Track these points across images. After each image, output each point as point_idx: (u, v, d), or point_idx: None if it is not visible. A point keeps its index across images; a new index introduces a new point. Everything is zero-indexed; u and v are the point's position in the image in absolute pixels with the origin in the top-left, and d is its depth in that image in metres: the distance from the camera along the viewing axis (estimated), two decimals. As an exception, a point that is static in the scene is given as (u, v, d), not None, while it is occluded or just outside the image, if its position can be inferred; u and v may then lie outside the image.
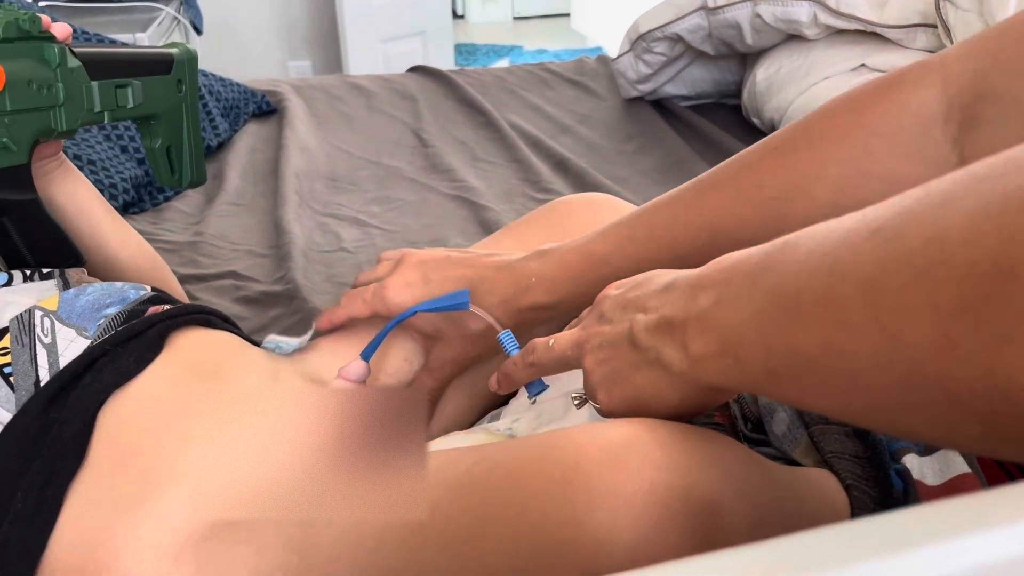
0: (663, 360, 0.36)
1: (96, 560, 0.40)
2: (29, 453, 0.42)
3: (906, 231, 0.24)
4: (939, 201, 0.23)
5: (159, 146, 0.64)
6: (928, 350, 0.22)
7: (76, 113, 0.54)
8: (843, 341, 0.25)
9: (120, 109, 0.58)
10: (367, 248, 1.00)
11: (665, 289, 0.37)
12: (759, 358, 0.29)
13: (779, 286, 0.28)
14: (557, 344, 0.43)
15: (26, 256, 0.54)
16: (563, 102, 1.51)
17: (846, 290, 0.25)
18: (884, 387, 0.24)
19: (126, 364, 0.46)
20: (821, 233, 0.28)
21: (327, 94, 1.53)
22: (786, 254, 0.29)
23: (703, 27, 1.29)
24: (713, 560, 0.16)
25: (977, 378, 0.21)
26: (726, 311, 0.31)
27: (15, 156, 0.51)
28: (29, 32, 0.51)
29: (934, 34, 1.13)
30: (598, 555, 0.32)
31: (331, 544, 0.39)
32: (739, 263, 0.32)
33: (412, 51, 2.68)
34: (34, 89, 0.51)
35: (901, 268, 0.23)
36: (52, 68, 0.52)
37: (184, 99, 0.64)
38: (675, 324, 0.35)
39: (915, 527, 0.16)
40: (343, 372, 0.50)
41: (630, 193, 1.12)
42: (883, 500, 0.51)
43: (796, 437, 0.57)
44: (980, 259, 0.21)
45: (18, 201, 0.52)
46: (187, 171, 0.65)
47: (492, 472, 0.38)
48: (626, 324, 0.38)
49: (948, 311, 0.21)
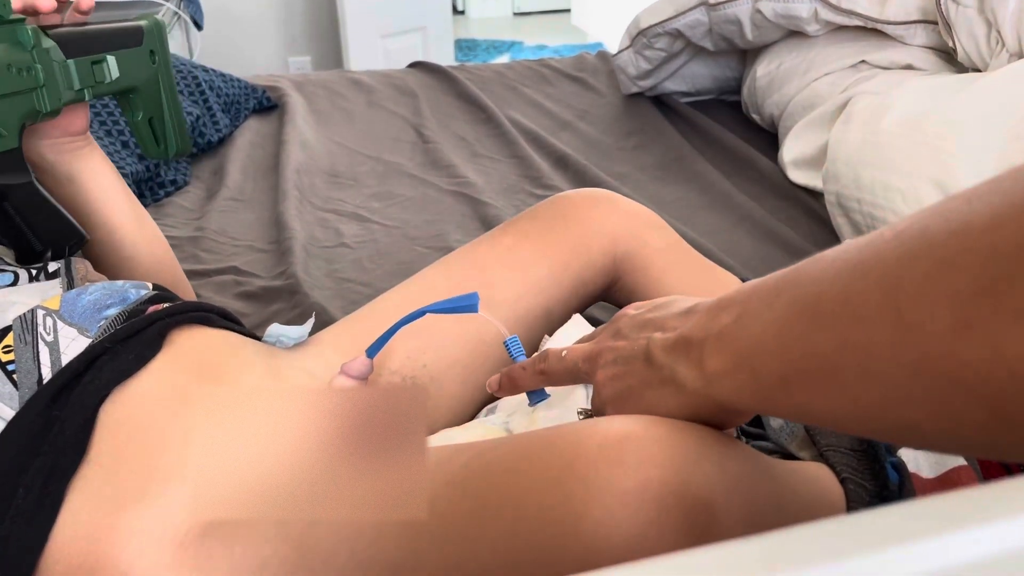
0: (677, 378, 0.36)
1: (97, 555, 0.40)
2: (31, 450, 0.42)
3: (930, 227, 0.25)
4: (964, 199, 0.24)
5: (141, 119, 0.64)
6: (942, 335, 0.23)
7: (57, 93, 0.54)
8: (858, 335, 0.26)
9: (99, 85, 0.58)
10: (367, 243, 1.00)
11: (686, 312, 0.37)
12: (774, 367, 0.30)
13: (800, 294, 0.29)
14: (570, 355, 0.42)
15: (31, 239, 0.54)
16: (563, 98, 1.51)
17: (866, 286, 0.26)
18: (893, 377, 0.25)
19: (126, 362, 0.46)
20: (846, 244, 0.29)
21: (327, 90, 1.53)
22: (810, 265, 0.30)
23: (703, 23, 1.29)
24: (708, 554, 0.16)
25: (984, 357, 0.22)
26: (746, 325, 0.32)
27: (5, 141, 0.51)
28: (2, 16, 0.51)
29: (934, 30, 1.13)
30: (594, 550, 0.33)
31: (330, 538, 0.39)
32: (763, 282, 0.33)
33: (412, 47, 2.68)
34: (14, 72, 0.51)
35: (923, 259, 0.24)
36: (28, 50, 0.52)
37: (158, 69, 0.64)
38: (693, 342, 0.35)
39: (910, 522, 0.16)
40: (346, 368, 0.51)
41: (630, 189, 1.12)
42: (879, 493, 0.51)
43: (793, 430, 0.57)
44: (1001, 243, 0.22)
45: (16, 185, 0.52)
46: (171, 141, 0.65)
47: (489, 467, 0.38)
48: (643, 341, 0.38)
49: (968, 295, 0.22)
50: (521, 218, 0.66)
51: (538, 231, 0.64)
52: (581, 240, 0.64)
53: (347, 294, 0.88)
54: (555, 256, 0.63)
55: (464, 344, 0.59)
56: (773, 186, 1.13)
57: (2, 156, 0.51)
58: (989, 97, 0.86)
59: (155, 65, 0.64)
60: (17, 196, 0.53)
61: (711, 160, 1.22)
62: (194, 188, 1.17)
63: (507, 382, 0.47)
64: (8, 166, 0.52)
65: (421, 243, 1.00)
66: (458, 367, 0.59)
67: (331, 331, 0.60)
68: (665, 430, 0.36)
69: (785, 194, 1.10)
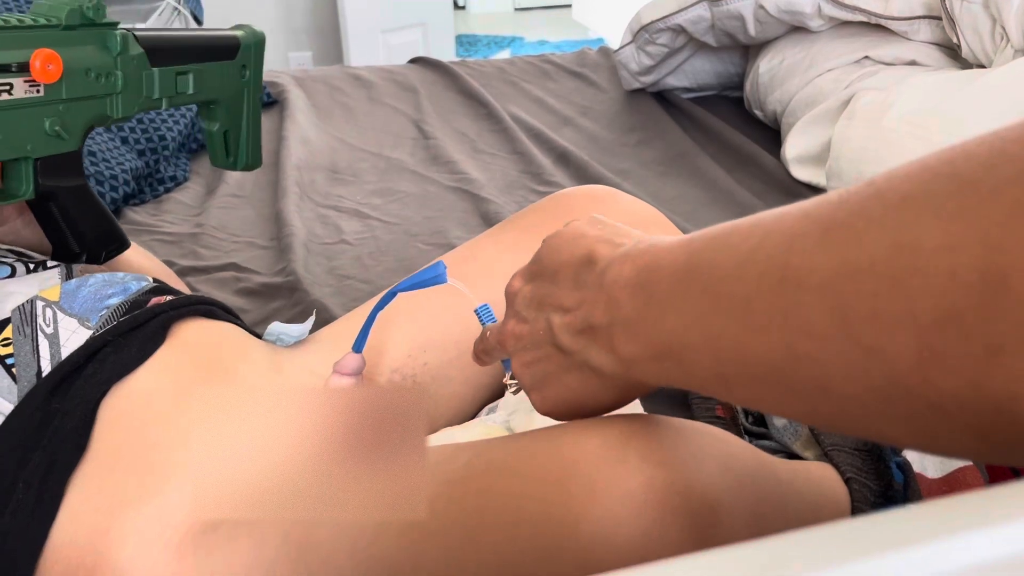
0: (592, 363, 0.33)
1: (96, 553, 0.40)
2: (30, 443, 0.42)
3: (864, 235, 0.22)
4: (898, 202, 0.22)
5: (217, 129, 0.63)
6: (909, 362, 0.21)
7: (133, 100, 0.54)
8: (809, 349, 0.23)
9: (179, 96, 0.57)
10: (368, 240, 1.00)
11: (576, 286, 0.34)
12: (706, 363, 0.28)
13: (719, 289, 0.27)
14: (491, 335, 0.41)
15: (71, 242, 0.54)
16: (565, 94, 1.51)
17: (805, 298, 0.23)
18: (859, 396, 0.23)
19: (128, 355, 0.46)
20: (757, 230, 0.26)
21: (328, 85, 1.53)
22: (721, 252, 0.27)
23: (706, 18, 1.28)
24: (710, 558, 0.16)
25: (965, 390, 0.20)
26: (659, 316, 0.29)
27: (66, 144, 0.51)
28: (93, 20, 0.51)
29: (939, 26, 1.12)
30: (595, 550, 0.32)
31: (330, 537, 0.39)
32: (662, 261, 0.30)
33: (413, 42, 2.67)
34: (92, 78, 0.51)
35: (867, 276, 0.21)
36: (113, 56, 0.52)
37: (247, 83, 0.63)
38: (598, 328, 0.32)
39: (914, 525, 0.16)
40: (338, 367, 0.50)
41: (632, 185, 1.12)
42: (884, 493, 0.51)
43: (797, 430, 0.57)
44: (961, 268, 0.19)
45: (67, 187, 0.52)
46: (243, 155, 0.64)
47: (490, 467, 0.38)
48: (542, 323, 0.36)
49: (928, 322, 0.20)
50: (522, 215, 0.66)
51: (539, 227, 0.64)
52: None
53: (347, 291, 0.87)
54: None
55: (466, 341, 0.59)
56: (776, 183, 1.13)
57: (61, 158, 0.51)
58: (993, 93, 0.86)
59: (245, 80, 0.63)
60: (66, 198, 0.52)
61: (713, 156, 1.22)
62: (194, 184, 1.17)
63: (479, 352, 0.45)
64: (65, 168, 0.52)
65: (422, 240, 0.99)
66: (459, 365, 0.59)
67: (331, 329, 0.60)
68: (667, 430, 0.36)
69: (788, 191, 1.10)
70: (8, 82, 0.47)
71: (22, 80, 0.47)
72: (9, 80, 0.47)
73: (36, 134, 0.49)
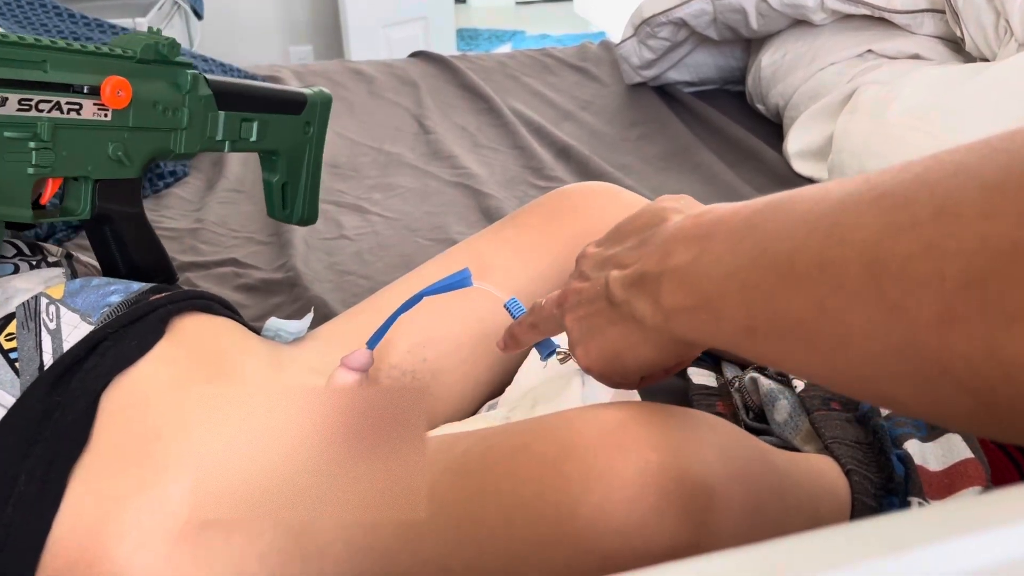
0: (636, 314, 0.35)
1: (96, 547, 0.40)
2: (32, 436, 0.42)
3: (915, 199, 0.23)
4: (952, 171, 0.23)
5: (276, 180, 0.65)
6: (929, 322, 0.22)
7: (197, 138, 0.56)
8: (839, 304, 0.24)
9: (242, 141, 0.59)
10: (368, 235, 1.00)
11: (641, 244, 0.36)
12: (738, 316, 0.29)
13: (769, 246, 0.28)
14: (546, 303, 0.42)
15: (120, 267, 0.55)
16: (566, 88, 1.50)
17: (846, 253, 0.24)
18: (876, 355, 0.24)
19: (128, 348, 0.46)
20: (817, 195, 0.27)
21: (328, 80, 1.52)
22: (779, 213, 0.28)
23: (708, 12, 1.28)
24: (710, 562, 0.15)
25: (978, 354, 0.21)
26: (706, 266, 0.31)
27: (127, 170, 0.53)
28: (167, 57, 0.53)
29: (942, 19, 1.12)
30: (592, 534, 0.32)
31: (326, 527, 0.39)
32: (723, 219, 0.31)
33: (414, 36, 2.66)
34: (159, 111, 0.53)
35: (907, 237, 0.23)
36: (182, 93, 0.54)
37: (310, 140, 0.65)
38: (648, 277, 0.34)
39: (915, 528, 0.16)
40: (346, 360, 0.50)
41: (633, 180, 1.11)
42: (884, 485, 0.50)
43: (797, 424, 0.57)
44: (993, 235, 0.20)
45: (123, 212, 0.54)
46: (299, 208, 0.66)
47: (487, 453, 0.38)
48: (602, 280, 0.37)
49: (954, 284, 0.21)
50: (522, 212, 0.66)
51: (539, 223, 0.64)
52: (582, 232, 0.63)
53: (347, 287, 0.87)
54: (556, 248, 0.62)
55: (466, 338, 0.59)
56: (778, 177, 1.12)
57: (120, 183, 0.53)
58: (997, 87, 0.85)
59: (308, 136, 0.65)
60: (121, 223, 0.54)
61: (715, 151, 1.21)
62: (194, 179, 1.17)
63: (509, 339, 0.46)
64: (123, 194, 0.53)
65: (422, 235, 0.99)
66: (460, 361, 0.59)
67: (331, 326, 0.60)
68: (664, 415, 0.36)
69: (790, 185, 1.08)
70: (78, 102, 0.49)
71: (92, 103, 0.49)
72: (79, 100, 0.49)
73: (98, 157, 0.51)
